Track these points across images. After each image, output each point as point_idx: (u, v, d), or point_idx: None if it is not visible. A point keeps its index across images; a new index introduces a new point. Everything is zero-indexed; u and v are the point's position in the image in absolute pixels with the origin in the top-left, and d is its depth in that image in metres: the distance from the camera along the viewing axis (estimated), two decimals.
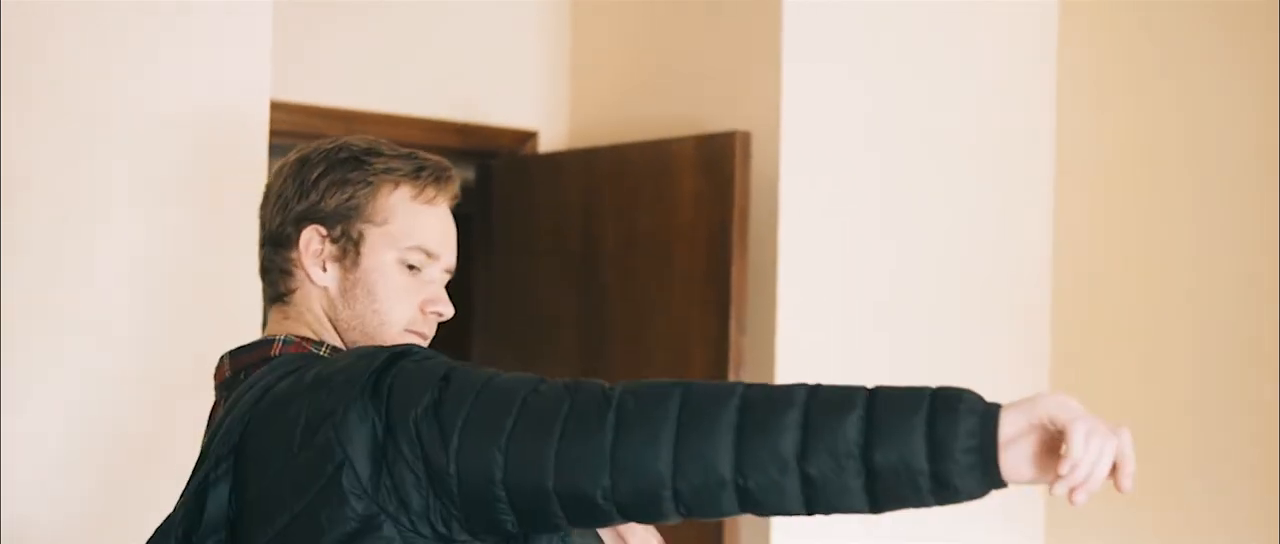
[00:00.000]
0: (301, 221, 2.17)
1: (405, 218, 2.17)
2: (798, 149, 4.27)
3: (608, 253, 4.51)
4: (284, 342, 2.16)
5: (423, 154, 2.22)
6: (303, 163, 2.19)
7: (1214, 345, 4.41)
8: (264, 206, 2.24)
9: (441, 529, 1.91)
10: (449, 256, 2.22)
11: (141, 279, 3.32)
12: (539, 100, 4.87)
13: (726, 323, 4.19)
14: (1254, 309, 4.32)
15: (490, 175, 4.86)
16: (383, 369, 1.95)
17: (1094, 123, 4.68)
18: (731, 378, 4.19)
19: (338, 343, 2.18)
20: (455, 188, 2.23)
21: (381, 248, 2.17)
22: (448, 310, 2.21)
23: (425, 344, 2.18)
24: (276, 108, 3.84)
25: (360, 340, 2.17)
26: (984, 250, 4.65)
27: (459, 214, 2.28)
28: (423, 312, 2.19)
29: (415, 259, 2.18)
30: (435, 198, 2.20)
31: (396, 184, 2.17)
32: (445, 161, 2.23)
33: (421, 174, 2.19)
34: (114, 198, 3.28)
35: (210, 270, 3.43)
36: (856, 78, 4.42)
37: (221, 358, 2.22)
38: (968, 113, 4.63)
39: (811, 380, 1.90)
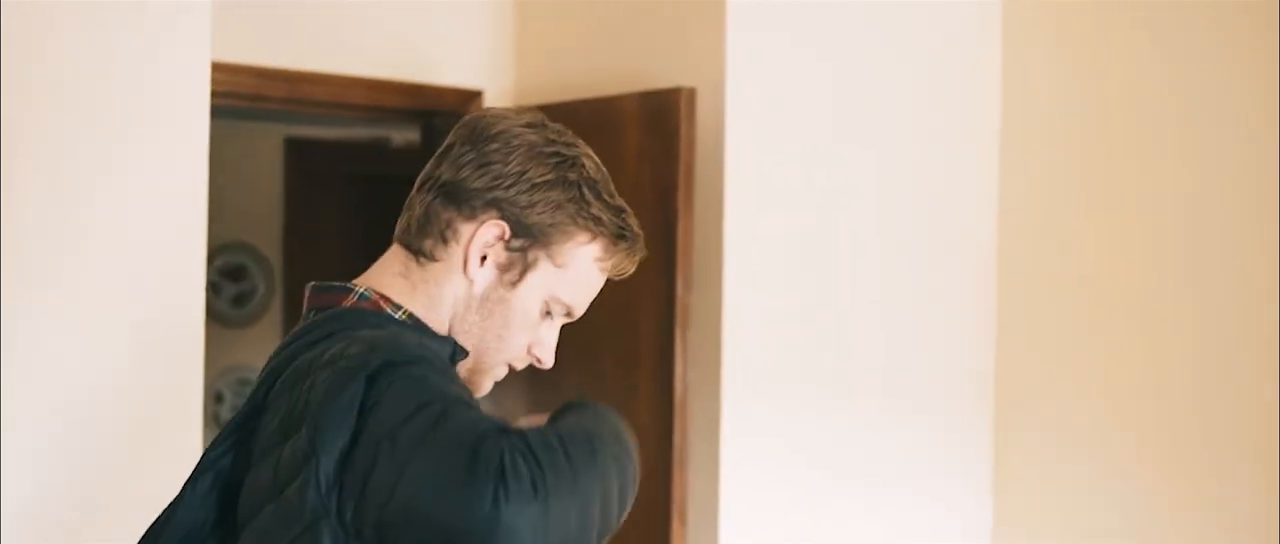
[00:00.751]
0: (493, 207, 2.01)
1: (579, 272, 2.07)
2: (743, 105, 4.27)
3: None
4: (361, 296, 2.04)
5: (629, 215, 2.09)
6: (533, 152, 2.03)
7: (1160, 314, 4.44)
8: (459, 154, 2.05)
9: None
10: (581, 313, 2.13)
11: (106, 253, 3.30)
12: (483, 59, 4.85)
13: (673, 281, 4.20)
14: (1202, 271, 4.35)
15: (435, 135, 4.84)
16: (377, 374, 1.83)
17: (1039, 79, 4.70)
18: (679, 335, 4.20)
19: (427, 321, 2.03)
20: (636, 263, 2.13)
21: (541, 284, 2.05)
22: (549, 361, 2.11)
23: (502, 377, 2.11)
24: (217, 68, 3.82)
25: (465, 345, 2.04)
26: (930, 207, 4.66)
27: (403, 176, 2.22)
28: (529, 350, 2.10)
29: (557, 309, 2.09)
30: (618, 267, 2.11)
31: (594, 238, 2.05)
32: (641, 234, 2.11)
33: (620, 241, 2.07)
34: (66, 154, 3.26)
35: (154, 235, 3.41)
36: (802, 33, 4.42)
37: (309, 286, 2.11)
38: (914, 68, 4.63)
39: (752, 337, 1.90)
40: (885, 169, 4.58)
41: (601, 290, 2.16)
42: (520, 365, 2.10)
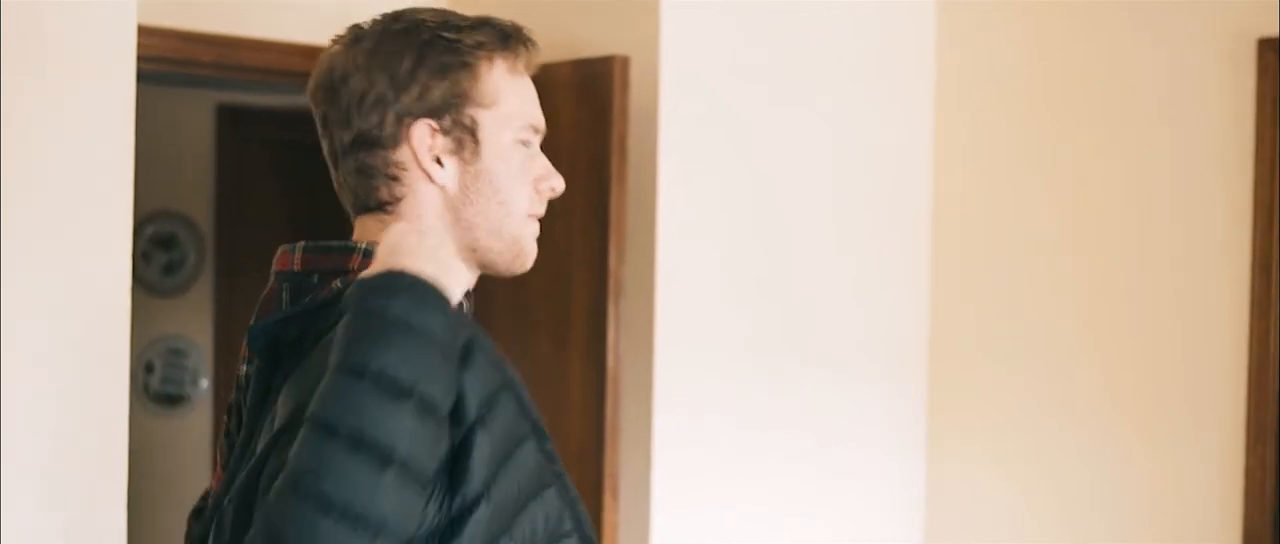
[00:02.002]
0: (405, 117, 1.99)
1: (509, 94, 2.03)
2: (677, 74, 4.25)
3: None
4: (365, 254, 2.00)
5: (495, 18, 2.06)
6: (376, 54, 2.01)
7: (1096, 278, 4.45)
8: (335, 115, 2.04)
9: None
10: (543, 123, 2.10)
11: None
12: None
13: (606, 250, 4.17)
14: (1141, 233, 4.36)
15: None
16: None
17: (974, 46, 4.70)
18: (611, 307, 4.17)
19: None
20: (536, 47, 2.08)
21: (498, 130, 2.03)
22: (560, 185, 2.10)
23: (536, 230, 2.10)
24: (145, 32, 3.77)
25: (484, 238, 2.04)
26: (864, 174, 4.65)
27: None
28: (537, 189, 2.08)
29: (527, 135, 2.06)
30: (528, 65, 2.07)
31: (491, 59, 2.03)
32: (518, 25, 2.07)
33: (509, 42, 2.04)
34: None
35: (80, 203, 3.37)
36: (735, 1, 4.40)
37: (285, 248, 2.06)
38: (848, 36, 4.62)
39: (685, 309, 1.88)
40: (819, 138, 4.57)
41: (536, 259, 2.14)
42: (539, 209, 2.09)
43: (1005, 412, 4.63)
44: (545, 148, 2.14)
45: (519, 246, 2.08)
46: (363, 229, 2.06)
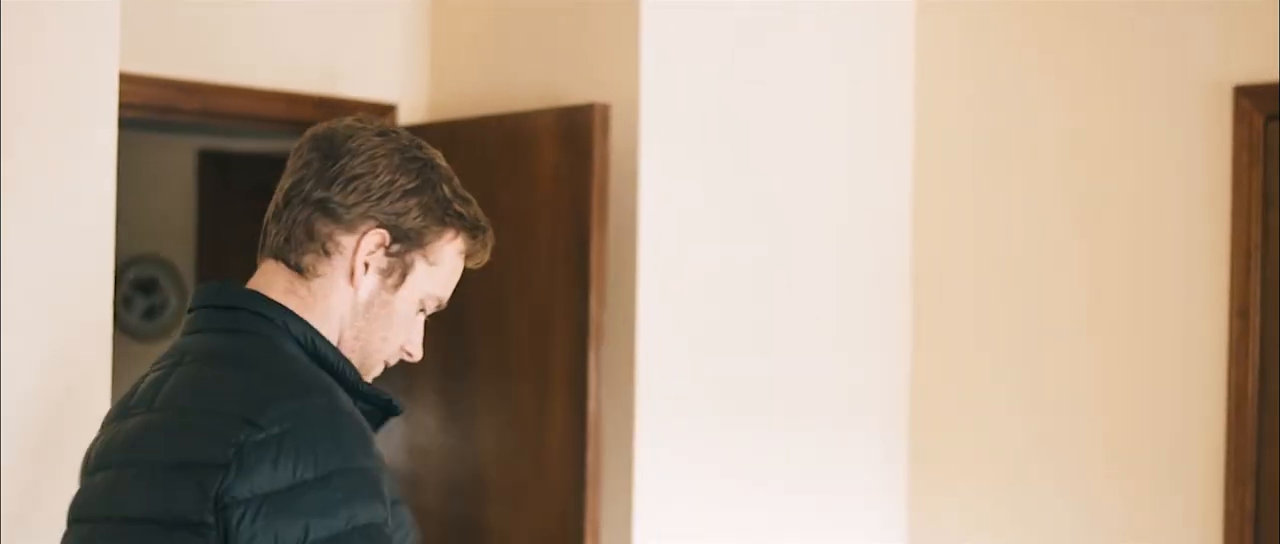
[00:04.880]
0: (370, 218, 2.13)
1: (447, 267, 2.19)
2: (657, 121, 4.27)
3: None
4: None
5: (477, 208, 2.23)
6: (392, 156, 2.15)
7: (1077, 327, 4.46)
8: (333, 169, 2.15)
9: None
10: (445, 303, 2.25)
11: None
12: (398, 73, 4.83)
13: (587, 297, 4.18)
14: (1120, 282, 4.38)
15: None
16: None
17: (952, 97, 4.72)
18: (592, 354, 4.18)
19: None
20: (489, 253, 2.25)
21: (420, 284, 2.17)
22: (419, 355, 2.24)
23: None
24: (127, 80, 3.78)
25: (354, 354, 2.16)
26: (845, 223, 4.67)
27: None
28: (401, 348, 2.22)
29: (429, 304, 2.20)
30: (474, 257, 2.23)
31: (458, 233, 2.19)
32: (489, 225, 2.24)
33: (478, 233, 2.21)
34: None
35: (62, 248, 3.37)
36: (715, 50, 4.42)
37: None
38: (827, 86, 4.64)
39: (666, 356, 1.95)
40: (799, 186, 4.58)
41: (517, 306, 2.28)
42: (393, 361, 2.23)
43: (987, 461, 4.63)
44: (524, 196, 2.25)
45: (367, 371, 2.20)
46: (269, 275, 2.17)
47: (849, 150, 4.69)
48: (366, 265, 2.13)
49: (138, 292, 6.63)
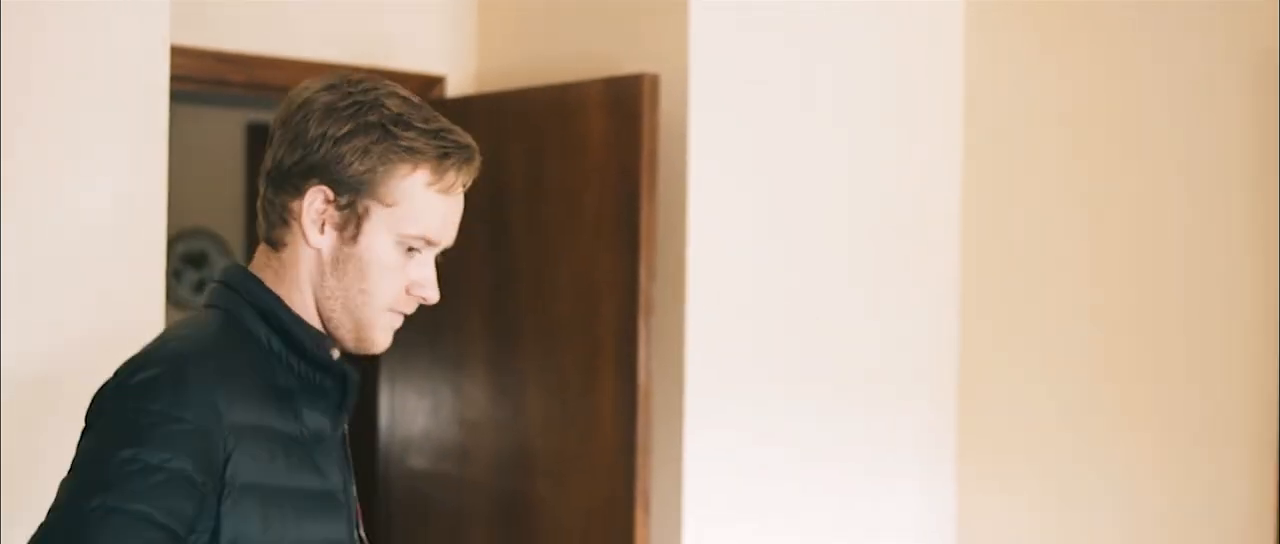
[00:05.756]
0: (310, 176, 2.07)
1: (415, 203, 2.09)
2: (706, 91, 4.26)
3: (516, 198, 4.48)
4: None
5: (452, 133, 2.11)
6: (330, 111, 2.07)
7: (1124, 299, 4.44)
8: (277, 137, 2.12)
9: None
10: (449, 239, 2.15)
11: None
12: (445, 44, 4.83)
13: (635, 268, 4.17)
14: (1166, 256, 4.35)
15: None
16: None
17: (1003, 63, 4.69)
18: (642, 324, 4.18)
19: (292, 302, 2.12)
20: (475, 172, 2.14)
21: (383, 229, 2.09)
22: (433, 296, 2.15)
23: (395, 328, 2.16)
24: (177, 53, 3.79)
25: (340, 313, 2.11)
26: (895, 192, 4.65)
27: None
28: (408, 292, 2.13)
29: (414, 244, 2.10)
30: (453, 186, 2.11)
31: (415, 166, 2.08)
32: (471, 142, 2.12)
33: (445, 160, 2.09)
34: (22, 139, 3.23)
35: (114, 221, 3.38)
36: (765, 18, 4.40)
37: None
38: (878, 53, 4.62)
39: (715, 325, 1.91)
40: (849, 155, 4.57)
41: (564, 277, 2.19)
42: (407, 308, 2.15)
43: (1036, 434, 4.61)
44: (572, 167, 2.17)
45: (364, 332, 2.13)
46: (257, 256, 2.17)
47: (898, 122, 4.66)
48: (321, 224, 2.08)
49: (187, 265, 6.66)
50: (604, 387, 4.26)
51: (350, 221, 2.08)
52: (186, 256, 6.62)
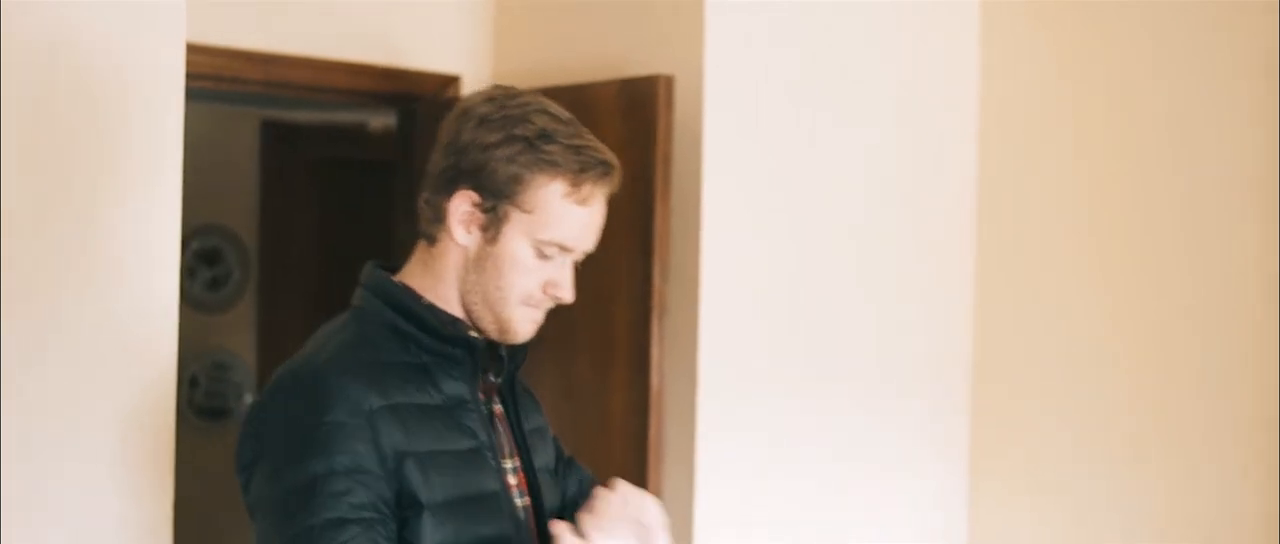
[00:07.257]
0: (461, 179, 2.28)
1: (552, 211, 2.29)
2: (721, 93, 4.26)
3: None
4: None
5: (594, 148, 2.31)
6: (483, 122, 2.28)
7: (1136, 298, 4.43)
8: (439, 142, 2.33)
9: None
10: (586, 246, 2.35)
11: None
12: (462, 44, 4.83)
13: (650, 269, 4.18)
14: (1178, 254, 4.35)
15: (413, 120, 4.82)
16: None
17: (1017, 65, 4.69)
18: (655, 325, 4.17)
19: (434, 294, 2.33)
20: (615, 184, 2.34)
21: (520, 233, 2.29)
22: (567, 297, 2.35)
23: (537, 320, 2.38)
24: (193, 50, 3.79)
25: (480, 306, 2.33)
26: (909, 193, 4.65)
27: (380, 161, 2.31)
28: (544, 291, 2.34)
29: (549, 251, 2.31)
30: (589, 198, 2.31)
31: (553, 177, 2.27)
32: (611, 159, 2.32)
33: (582, 174, 2.29)
34: (37, 136, 3.23)
35: (129, 218, 3.39)
36: (780, 21, 4.40)
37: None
38: (892, 56, 4.62)
39: (729, 327, 1.98)
40: (863, 157, 4.57)
41: (578, 278, 2.33)
42: (544, 304, 2.37)
43: (1048, 439, 4.61)
44: None
45: (505, 324, 2.35)
46: (415, 255, 2.39)
47: (914, 122, 4.66)
48: (467, 225, 2.29)
49: (201, 262, 6.65)
50: (617, 387, 4.26)
51: (492, 224, 2.29)
52: (201, 254, 6.62)
